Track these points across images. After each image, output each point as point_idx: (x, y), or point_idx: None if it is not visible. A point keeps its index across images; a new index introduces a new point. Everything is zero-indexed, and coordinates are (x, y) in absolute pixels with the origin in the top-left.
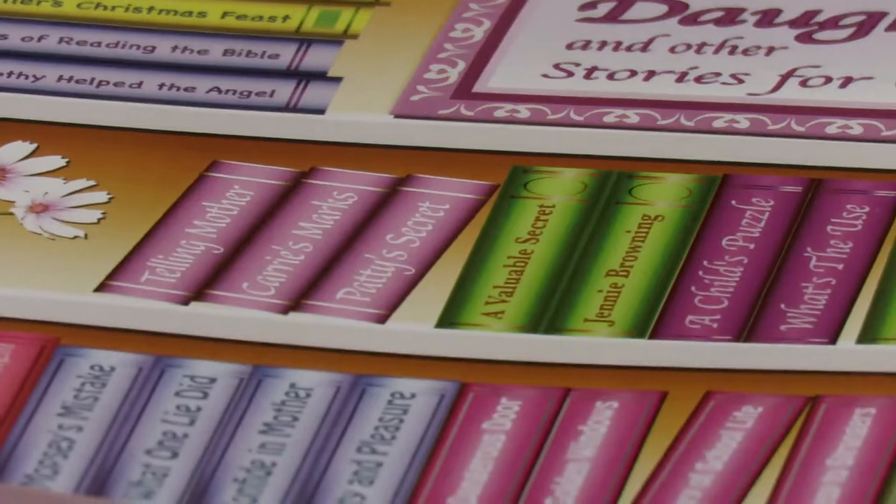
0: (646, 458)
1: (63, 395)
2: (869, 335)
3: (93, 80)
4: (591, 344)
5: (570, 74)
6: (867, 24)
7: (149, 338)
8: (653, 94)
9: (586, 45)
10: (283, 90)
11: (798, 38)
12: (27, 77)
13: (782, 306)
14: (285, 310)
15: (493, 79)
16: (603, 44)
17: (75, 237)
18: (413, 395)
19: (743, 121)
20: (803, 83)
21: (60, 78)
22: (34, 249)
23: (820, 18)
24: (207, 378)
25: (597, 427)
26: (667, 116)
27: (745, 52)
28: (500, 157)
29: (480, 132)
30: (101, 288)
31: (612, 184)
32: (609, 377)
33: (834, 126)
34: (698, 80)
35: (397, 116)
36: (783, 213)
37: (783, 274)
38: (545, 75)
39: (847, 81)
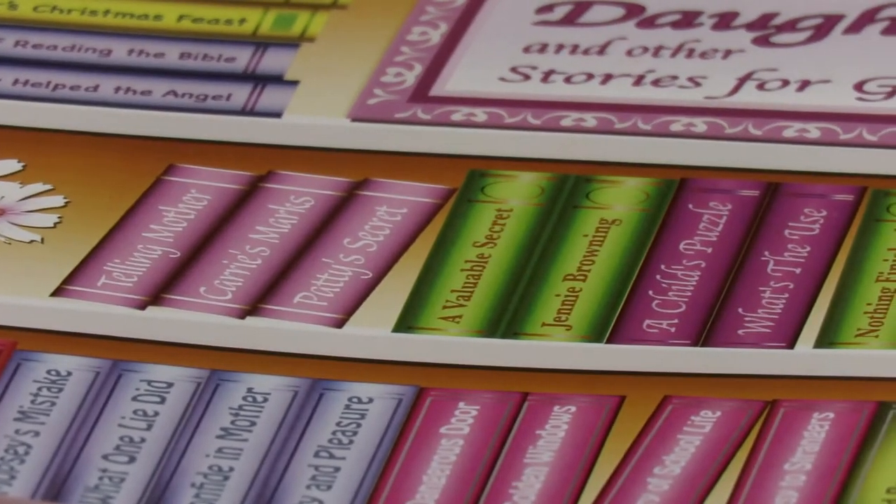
0: (604, 463)
1: (20, 400)
2: (826, 339)
3: (49, 83)
4: (549, 348)
5: (527, 78)
6: (824, 27)
7: (106, 342)
8: (610, 98)
9: (543, 48)
10: (240, 93)
11: (755, 42)
12: None
13: (740, 310)
14: (242, 314)
15: (450, 82)
16: (560, 47)
17: (32, 241)
18: (370, 400)
19: (700, 124)
20: (760, 86)
21: (16, 81)
22: None
23: (777, 21)
24: (165, 383)
25: (555, 431)
26: (624, 120)
27: (703, 55)
28: (457, 160)
29: (437, 136)
30: (58, 292)
31: (569, 188)
32: (567, 381)
33: (791, 129)
34: (655, 83)
35: (354, 120)
36: (740, 216)
37: (741, 278)
38: (502, 79)
39: (804, 85)
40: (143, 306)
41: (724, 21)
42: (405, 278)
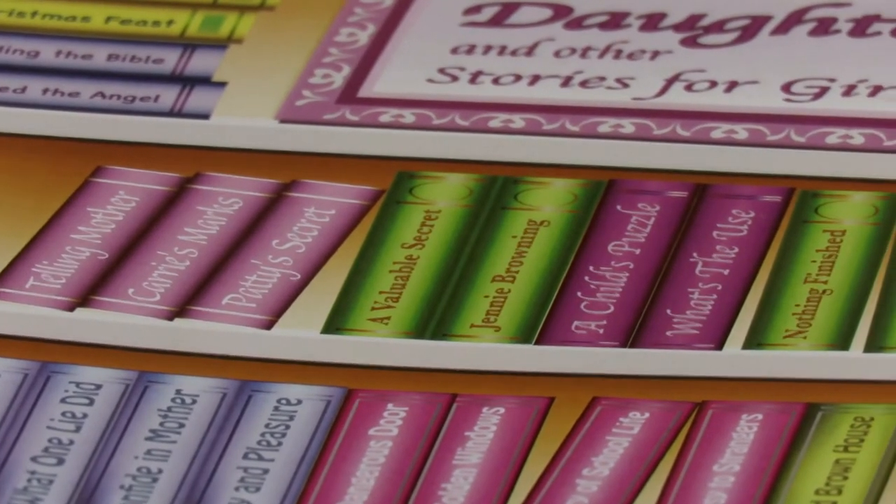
0: (532, 464)
1: None
2: (755, 341)
3: None
4: (478, 350)
5: (455, 79)
6: (752, 28)
7: (34, 344)
8: (538, 99)
9: (471, 49)
10: (168, 95)
11: (683, 42)
12: None
13: (668, 312)
14: (171, 316)
15: (378, 83)
16: (488, 48)
17: None
18: (299, 402)
19: (628, 125)
20: (688, 87)
21: None
22: None
23: (705, 22)
24: (93, 384)
25: (483, 433)
26: (552, 121)
27: (630, 56)
28: (386, 162)
29: (365, 137)
30: None
31: (497, 189)
32: (495, 383)
33: (719, 131)
34: (583, 84)
35: (282, 121)
36: (669, 218)
37: (669, 279)
38: (430, 80)
39: (732, 86)
40: (71, 308)
41: (652, 22)
42: (334, 280)
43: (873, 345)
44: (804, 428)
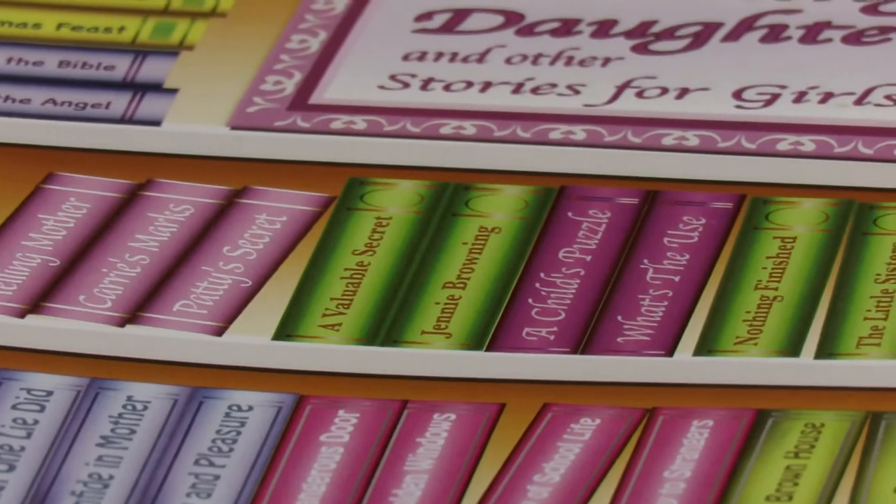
0: (484, 471)
1: None
2: (706, 347)
3: None
4: (429, 356)
5: (407, 86)
6: (703, 34)
7: None
8: (489, 106)
9: (422, 56)
10: (119, 102)
11: (634, 49)
12: None
13: (619, 318)
14: (122, 322)
15: (330, 90)
16: (439, 55)
17: None
18: (250, 408)
19: (579, 132)
20: (639, 94)
21: None
22: None
23: (656, 29)
24: (44, 391)
25: (434, 439)
26: (503, 128)
27: (582, 62)
28: (337, 168)
29: (317, 144)
30: None
31: (448, 195)
32: (446, 389)
33: (670, 137)
34: (535, 91)
35: (234, 128)
36: (620, 224)
37: (620, 286)
38: (381, 86)
39: (683, 92)
40: (22, 315)
41: (603, 29)
42: (285, 286)
43: (824, 351)
44: (755, 434)
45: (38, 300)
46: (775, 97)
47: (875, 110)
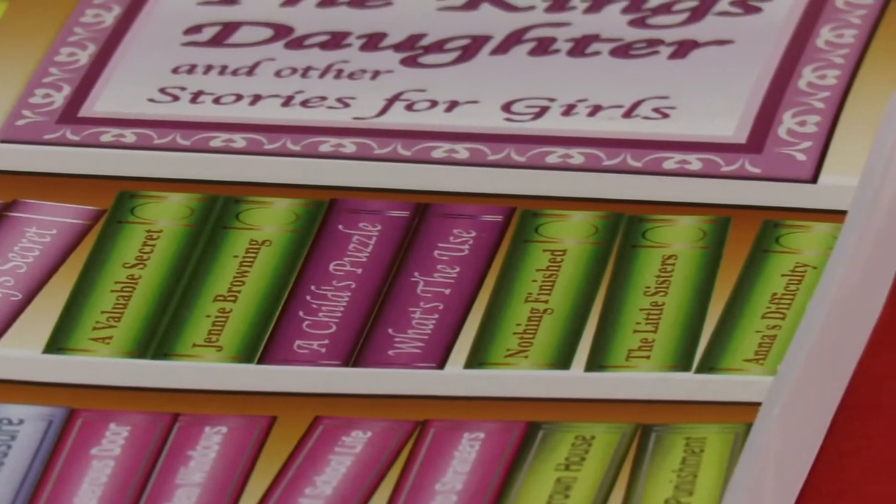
0: (255, 484)
1: None
2: (476, 360)
3: None
4: (200, 369)
5: (176, 98)
6: (472, 47)
7: None
8: (259, 119)
9: (192, 68)
10: None
11: (403, 62)
12: None
13: (390, 331)
14: None
15: (99, 103)
16: (209, 68)
17: None
18: (21, 422)
19: (349, 145)
20: (409, 107)
21: None
22: None
23: (425, 42)
24: None
25: (206, 452)
26: (273, 140)
27: (351, 75)
28: (107, 181)
29: (86, 157)
30: None
31: (219, 208)
32: (218, 402)
33: (440, 150)
34: (304, 104)
35: (2, 141)
36: (390, 237)
37: (391, 299)
38: (151, 99)
39: (452, 105)
40: None
41: (373, 42)
42: (55, 299)
43: (594, 363)
44: (526, 447)
45: None
46: (544, 110)
47: (643, 123)
